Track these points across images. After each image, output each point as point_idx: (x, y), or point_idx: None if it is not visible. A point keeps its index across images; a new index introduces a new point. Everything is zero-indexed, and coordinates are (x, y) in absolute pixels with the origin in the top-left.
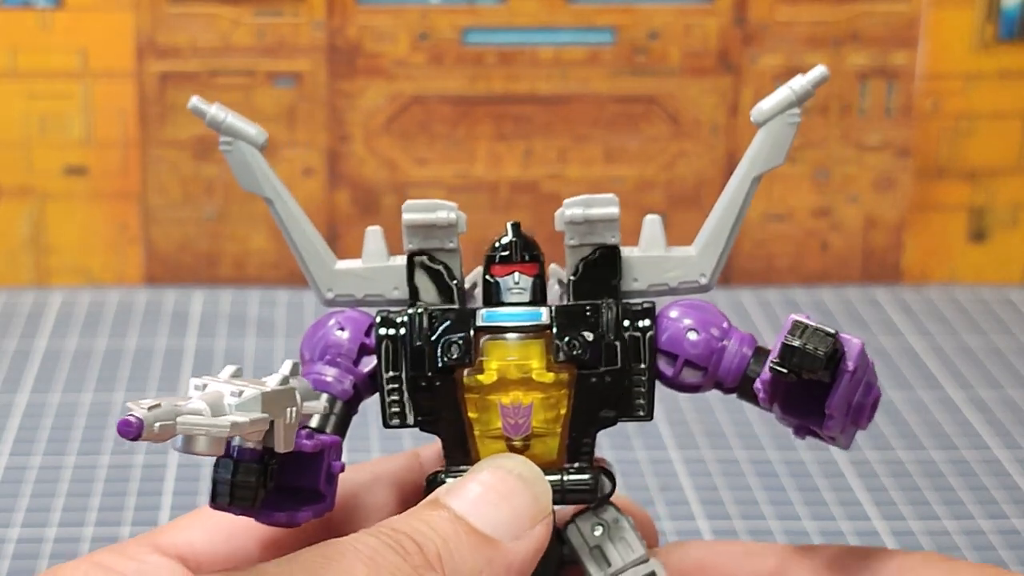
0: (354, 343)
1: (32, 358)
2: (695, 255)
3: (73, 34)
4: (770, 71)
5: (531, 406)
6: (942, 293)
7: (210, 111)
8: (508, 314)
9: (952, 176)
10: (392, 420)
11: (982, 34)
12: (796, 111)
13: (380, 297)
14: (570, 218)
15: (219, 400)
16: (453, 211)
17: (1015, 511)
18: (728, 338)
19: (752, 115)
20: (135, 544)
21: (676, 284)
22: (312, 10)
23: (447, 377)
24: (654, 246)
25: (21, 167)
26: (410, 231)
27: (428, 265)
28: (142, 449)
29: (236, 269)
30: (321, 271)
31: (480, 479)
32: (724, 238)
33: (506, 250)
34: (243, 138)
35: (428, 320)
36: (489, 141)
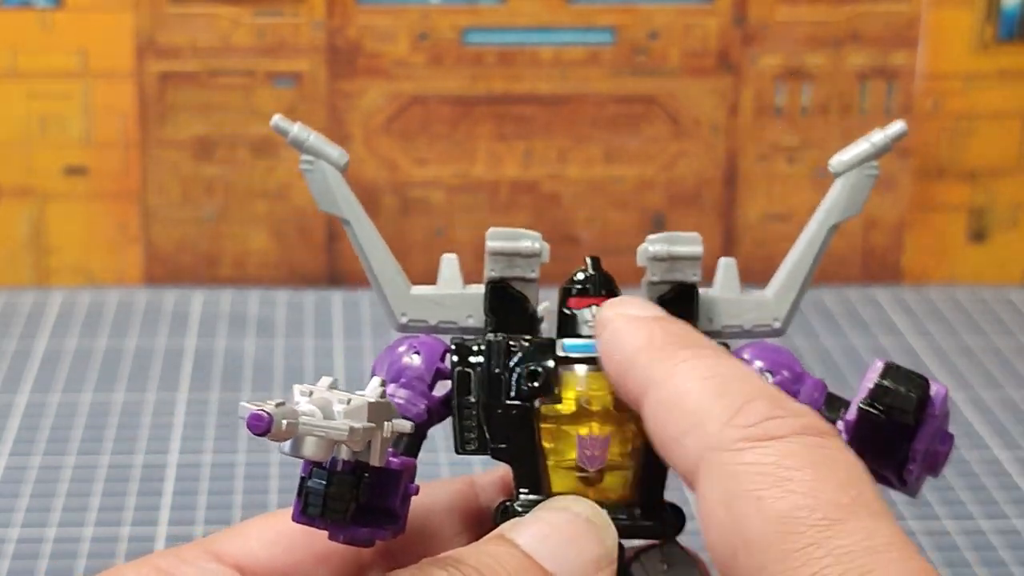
0: (429, 367)
1: (32, 358)
2: (771, 298)
3: (73, 34)
4: (770, 71)
5: (608, 438)
6: (942, 293)
7: (293, 130)
8: (589, 345)
9: (952, 176)
10: (467, 446)
11: (982, 34)
12: (874, 164)
13: (454, 324)
14: (654, 254)
15: (328, 406)
16: (537, 240)
17: (1015, 511)
18: (801, 383)
19: (831, 165)
20: (195, 549)
21: (750, 327)
22: (312, 10)
23: (524, 406)
24: (729, 288)
25: (21, 167)
26: (493, 259)
27: (507, 293)
28: (142, 449)
29: (236, 269)
30: (396, 295)
31: (548, 519)
32: (799, 284)
33: (585, 284)
34: (325, 159)
35: (508, 348)
36: (489, 141)
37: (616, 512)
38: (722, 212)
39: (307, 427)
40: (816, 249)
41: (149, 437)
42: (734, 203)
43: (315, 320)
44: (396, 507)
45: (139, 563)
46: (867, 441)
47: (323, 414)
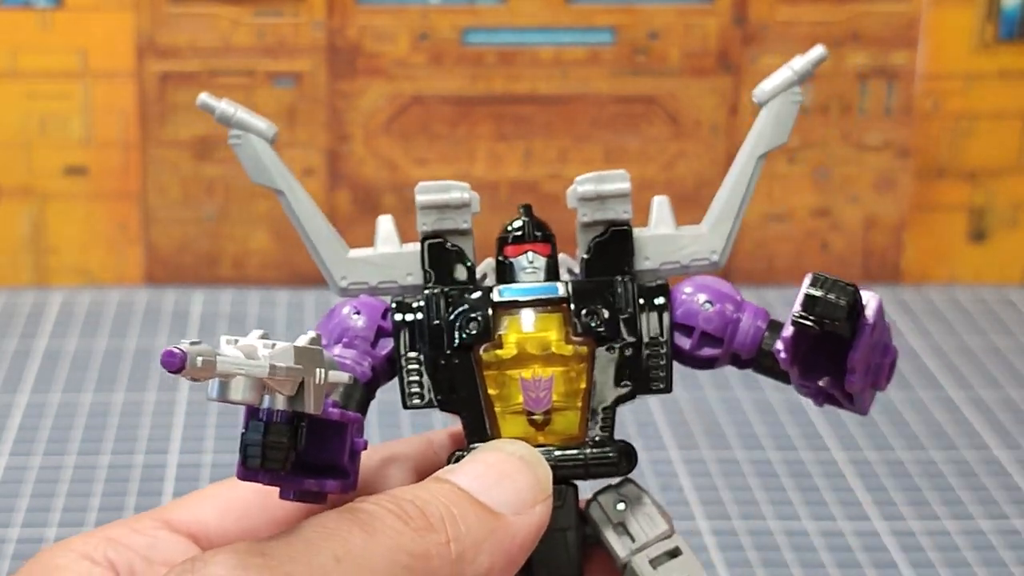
0: (371, 326)
1: (32, 358)
2: (706, 232)
3: (73, 34)
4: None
5: (551, 379)
6: (942, 293)
7: (219, 106)
8: (525, 289)
9: (952, 176)
10: (412, 400)
11: (982, 34)
12: (797, 90)
13: (394, 284)
14: (582, 194)
15: (253, 351)
16: (466, 191)
17: (1015, 511)
18: (742, 311)
19: (754, 94)
20: (146, 518)
21: (688, 262)
22: (312, 10)
23: (466, 355)
24: (664, 225)
25: (21, 167)
26: (424, 212)
27: (443, 248)
28: (142, 449)
29: (236, 269)
30: (334, 260)
31: (481, 458)
32: (732, 216)
33: (519, 230)
34: (253, 132)
35: (445, 300)
36: (489, 141)
37: (566, 452)
38: None
39: (225, 365)
40: (747, 180)
41: (149, 437)
42: None
43: (315, 320)
44: (343, 462)
45: (88, 534)
46: (806, 355)
47: (248, 357)
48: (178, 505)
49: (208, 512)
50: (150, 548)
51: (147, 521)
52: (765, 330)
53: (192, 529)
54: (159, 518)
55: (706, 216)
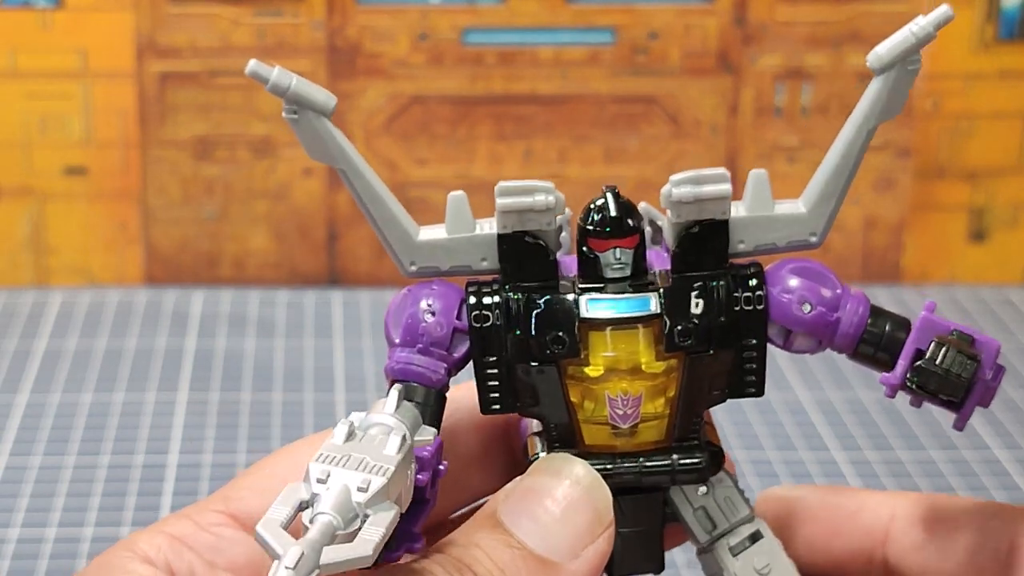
0: (447, 328)
1: (32, 358)
2: (805, 213)
3: (73, 34)
4: (770, 71)
5: (640, 396)
6: (942, 293)
7: (272, 76)
8: (615, 303)
9: (952, 176)
10: (492, 406)
11: (982, 34)
12: (917, 57)
13: (467, 268)
14: (679, 198)
15: (347, 501)
16: (552, 193)
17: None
18: (842, 308)
19: (869, 61)
20: (212, 511)
21: (784, 244)
22: (312, 10)
23: (551, 367)
24: (761, 205)
25: (21, 167)
26: (504, 216)
27: (524, 241)
28: (142, 449)
29: (236, 269)
30: (402, 243)
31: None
32: (837, 194)
33: (607, 225)
34: (310, 106)
35: (526, 307)
36: (489, 141)
37: (653, 460)
38: None
39: (330, 566)
40: (855, 155)
41: (149, 437)
42: None
43: (315, 320)
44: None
45: (153, 532)
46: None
47: (342, 514)
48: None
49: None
50: (214, 550)
51: (212, 515)
52: (868, 319)
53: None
54: (226, 511)
55: (806, 191)
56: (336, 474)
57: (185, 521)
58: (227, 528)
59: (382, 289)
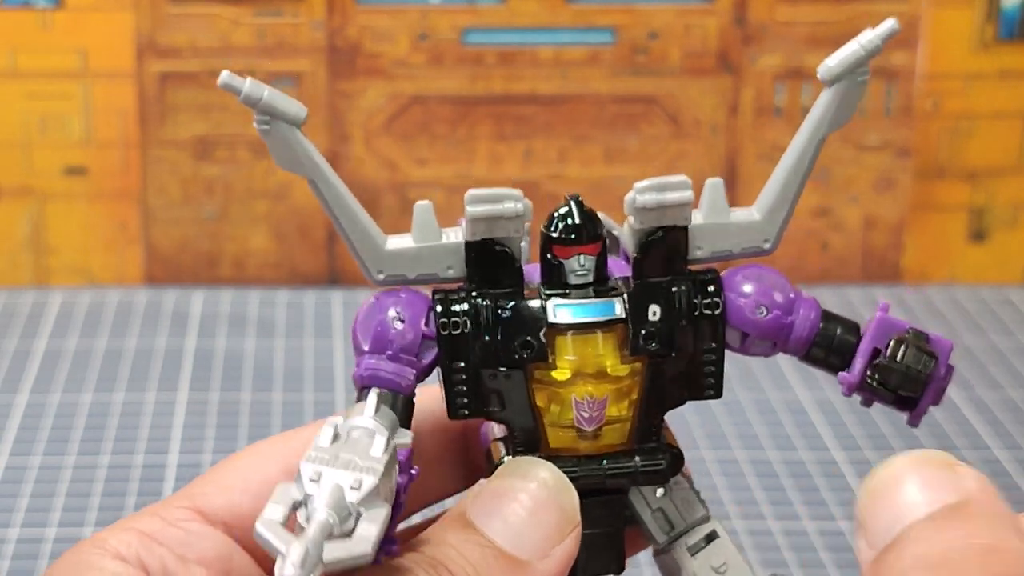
0: (415, 336)
1: (32, 358)
2: (760, 220)
3: (73, 34)
4: (770, 71)
5: (605, 399)
6: (942, 293)
7: (244, 87)
8: (581, 308)
9: (952, 176)
10: (460, 411)
11: (982, 34)
12: (865, 68)
13: (433, 276)
14: (642, 205)
15: (341, 500)
16: (520, 200)
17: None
18: (796, 312)
19: (819, 72)
20: (178, 507)
21: (739, 250)
22: (312, 10)
23: (518, 372)
24: (717, 212)
25: (21, 167)
26: (474, 224)
27: (491, 248)
28: (142, 449)
29: (236, 269)
30: (370, 252)
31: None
32: (789, 202)
33: (571, 232)
34: (281, 117)
35: (494, 312)
36: (489, 141)
37: (616, 461)
38: None
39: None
40: (806, 164)
41: (149, 437)
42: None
43: (315, 320)
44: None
45: (121, 529)
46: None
47: (338, 512)
48: (207, 490)
49: (241, 498)
50: (184, 545)
51: (179, 511)
52: (820, 324)
53: (226, 518)
54: (192, 506)
55: (759, 199)
56: (328, 473)
57: (152, 518)
58: (194, 523)
59: None
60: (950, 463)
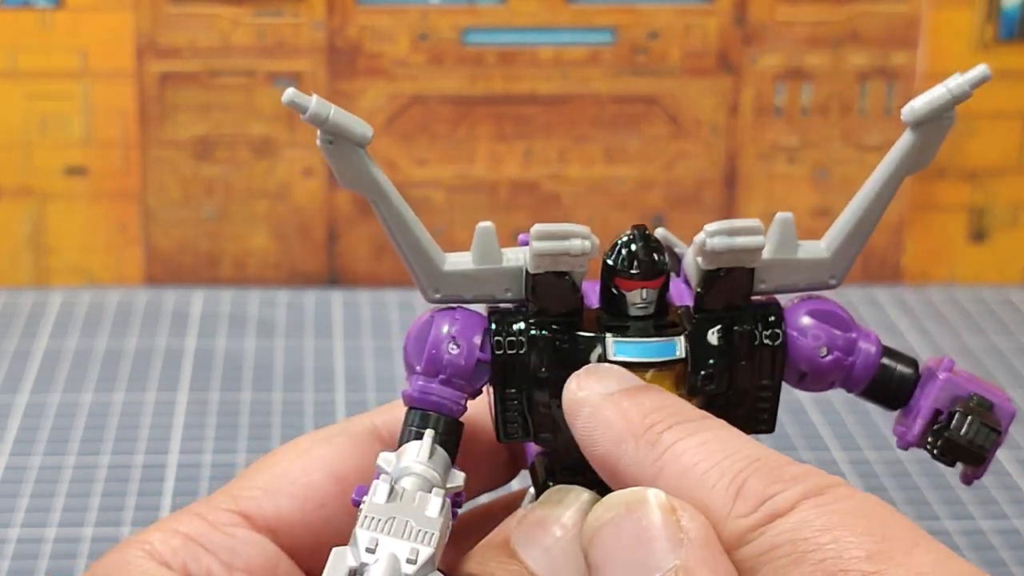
0: (469, 360)
1: (32, 358)
2: (828, 258)
3: (73, 34)
4: (770, 71)
5: None
6: (942, 293)
7: (311, 106)
8: (641, 348)
9: (952, 176)
10: (510, 436)
11: (982, 34)
12: (951, 113)
13: (490, 297)
14: (712, 248)
15: (397, 573)
16: (588, 239)
17: (1015, 511)
18: (856, 352)
19: (904, 114)
20: (223, 510)
21: (804, 285)
22: (312, 10)
23: None
24: (786, 248)
25: (21, 167)
26: (538, 259)
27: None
28: (142, 449)
29: (236, 269)
30: (428, 272)
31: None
32: (860, 241)
33: (636, 267)
34: (347, 137)
35: (551, 343)
36: (489, 141)
37: None
38: (722, 212)
39: None
40: (882, 204)
41: (149, 437)
42: (734, 203)
43: (315, 320)
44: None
45: (168, 530)
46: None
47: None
48: (253, 493)
49: (286, 504)
50: (230, 551)
51: (224, 515)
52: (878, 362)
53: (272, 524)
54: (237, 510)
55: (829, 235)
56: (384, 543)
57: (198, 520)
58: (241, 528)
59: (382, 289)
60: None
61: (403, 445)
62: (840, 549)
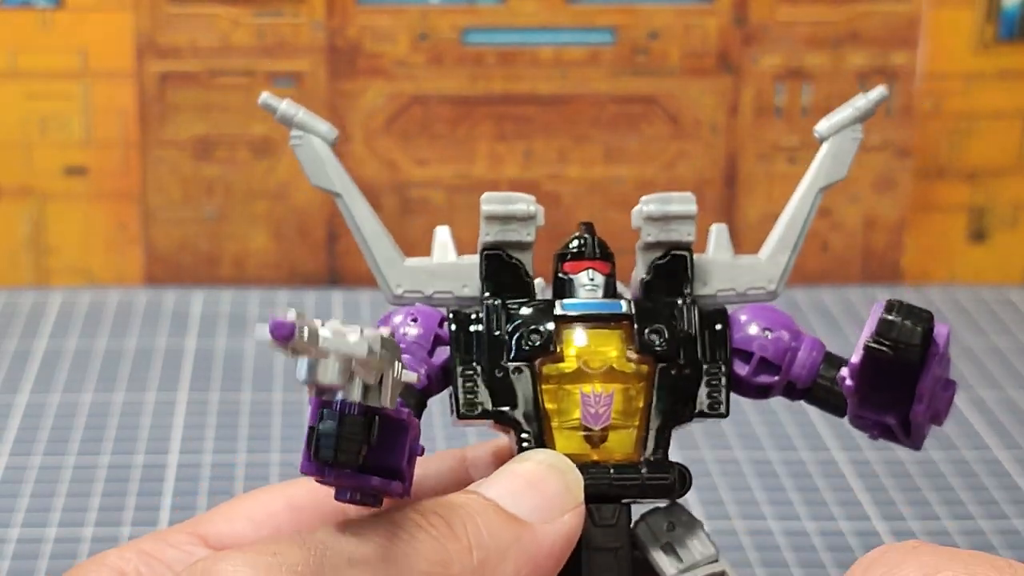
0: (427, 334)
1: (32, 358)
2: (764, 262)
3: (73, 34)
4: (770, 71)
5: (612, 395)
6: (942, 293)
7: (281, 106)
8: (589, 303)
9: (952, 176)
10: (467, 410)
11: (982, 34)
12: (858, 127)
13: (449, 294)
14: (648, 213)
15: (342, 335)
16: (532, 203)
17: (1015, 511)
18: (799, 341)
19: (816, 130)
20: (181, 532)
21: (744, 290)
22: (312, 10)
23: (526, 367)
24: (722, 252)
25: (21, 167)
26: (488, 223)
27: (502, 260)
28: (142, 449)
29: (236, 269)
30: (390, 268)
31: (510, 469)
32: (790, 248)
33: (580, 247)
34: (314, 133)
35: (506, 312)
36: (489, 141)
37: (623, 472)
38: (722, 212)
39: (327, 343)
40: (805, 213)
41: (149, 437)
42: (734, 203)
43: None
44: (403, 465)
45: (123, 548)
46: (872, 383)
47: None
48: (212, 518)
49: (241, 527)
50: (184, 564)
51: (182, 535)
52: (821, 361)
53: (227, 543)
54: (194, 532)
55: (764, 245)
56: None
57: (156, 540)
58: (197, 547)
59: None
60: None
61: None
62: None
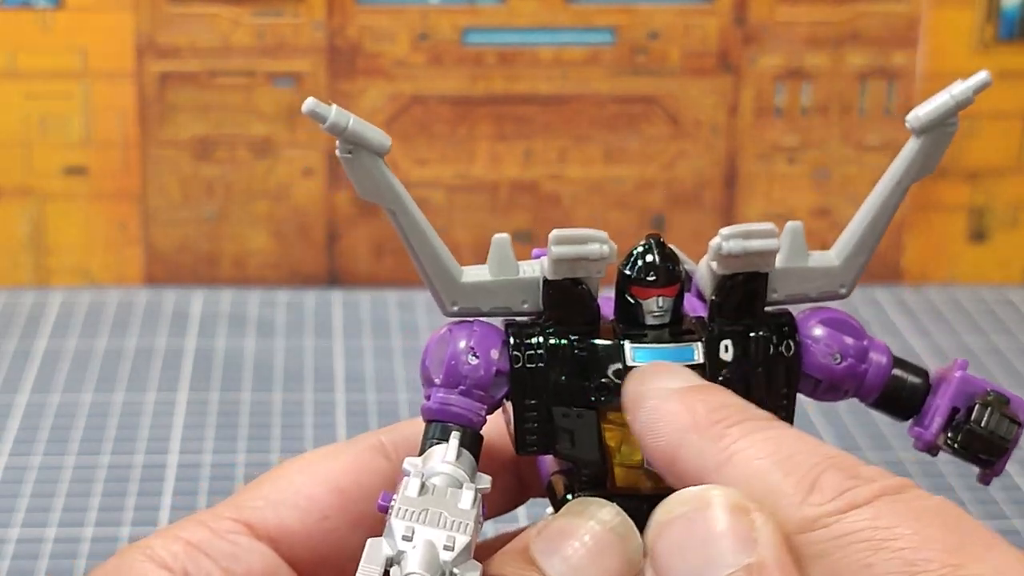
0: (488, 371)
1: (32, 358)
2: (838, 266)
3: (73, 34)
4: (770, 71)
5: None
6: (942, 293)
7: (330, 116)
8: (660, 353)
9: (952, 176)
10: (529, 448)
11: (982, 34)
12: (955, 119)
13: (507, 309)
14: (728, 251)
15: (435, 560)
16: (606, 243)
17: (1015, 511)
18: (869, 360)
19: (908, 121)
20: (226, 518)
21: (816, 295)
22: (312, 10)
23: (591, 412)
24: (797, 256)
25: (21, 167)
26: (557, 264)
27: (570, 287)
28: (142, 449)
29: (236, 269)
30: (446, 285)
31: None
32: (869, 249)
33: (652, 274)
34: (366, 146)
35: (569, 351)
36: (489, 141)
37: None
38: (722, 212)
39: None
40: (889, 211)
41: (149, 437)
42: (734, 203)
43: (315, 320)
44: None
45: (167, 536)
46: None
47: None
48: (254, 503)
49: (288, 515)
50: (231, 558)
51: (227, 523)
52: (890, 371)
53: (274, 534)
54: (240, 519)
55: (839, 244)
56: (420, 531)
57: (201, 528)
58: (243, 536)
59: (382, 289)
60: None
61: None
62: (921, 540)
